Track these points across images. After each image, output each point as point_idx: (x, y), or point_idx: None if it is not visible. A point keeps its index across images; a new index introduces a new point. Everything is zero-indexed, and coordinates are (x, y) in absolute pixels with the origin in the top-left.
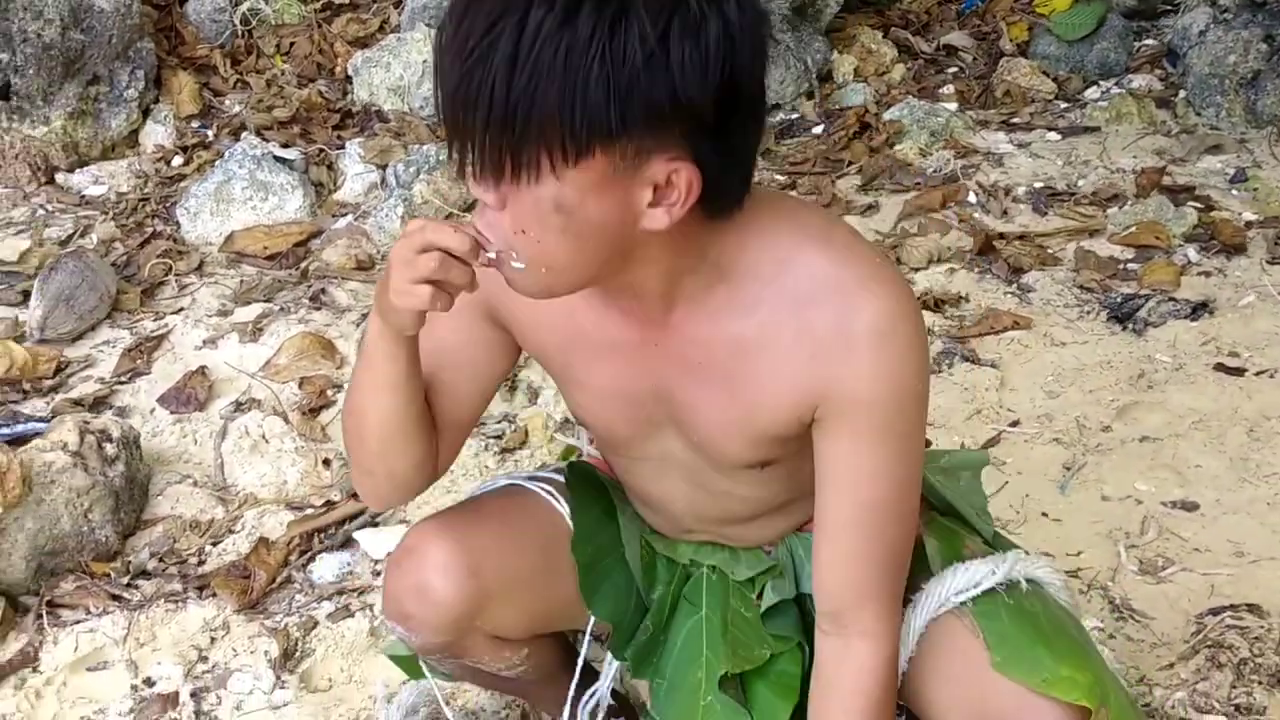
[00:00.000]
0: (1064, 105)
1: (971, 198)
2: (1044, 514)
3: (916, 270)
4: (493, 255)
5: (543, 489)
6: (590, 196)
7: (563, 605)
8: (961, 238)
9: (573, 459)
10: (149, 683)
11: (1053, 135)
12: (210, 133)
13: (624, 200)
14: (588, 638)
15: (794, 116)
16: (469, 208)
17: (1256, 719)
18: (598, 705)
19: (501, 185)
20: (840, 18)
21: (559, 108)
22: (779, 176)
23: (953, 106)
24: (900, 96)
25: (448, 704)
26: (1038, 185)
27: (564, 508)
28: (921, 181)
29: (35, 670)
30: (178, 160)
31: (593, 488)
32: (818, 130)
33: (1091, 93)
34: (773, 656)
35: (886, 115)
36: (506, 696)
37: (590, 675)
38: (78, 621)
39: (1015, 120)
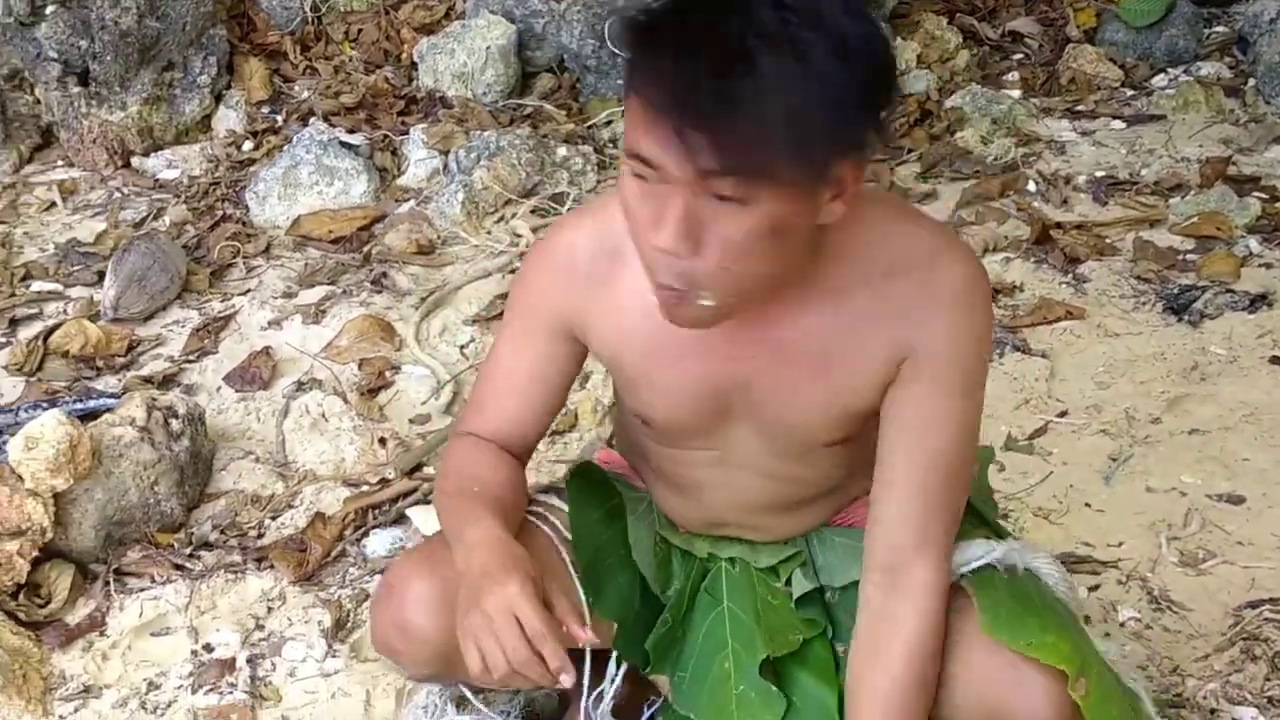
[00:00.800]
0: (1130, 93)
1: (1031, 186)
2: (1087, 504)
3: None
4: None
5: (531, 510)
6: (792, 209)
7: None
8: (1019, 226)
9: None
10: (208, 648)
11: (1117, 123)
12: (279, 118)
13: (815, 205)
14: (588, 656)
15: None
16: (528, 193)
17: None
18: (607, 698)
19: (703, 229)
20: (904, 3)
21: (787, 153)
22: None
23: (1016, 94)
24: (963, 83)
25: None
26: (1099, 174)
27: (550, 527)
28: (981, 169)
29: (102, 634)
30: (248, 145)
31: (597, 491)
32: None
33: (1159, 80)
34: (807, 642)
35: (948, 103)
36: None
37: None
38: (143, 589)
39: (1080, 108)
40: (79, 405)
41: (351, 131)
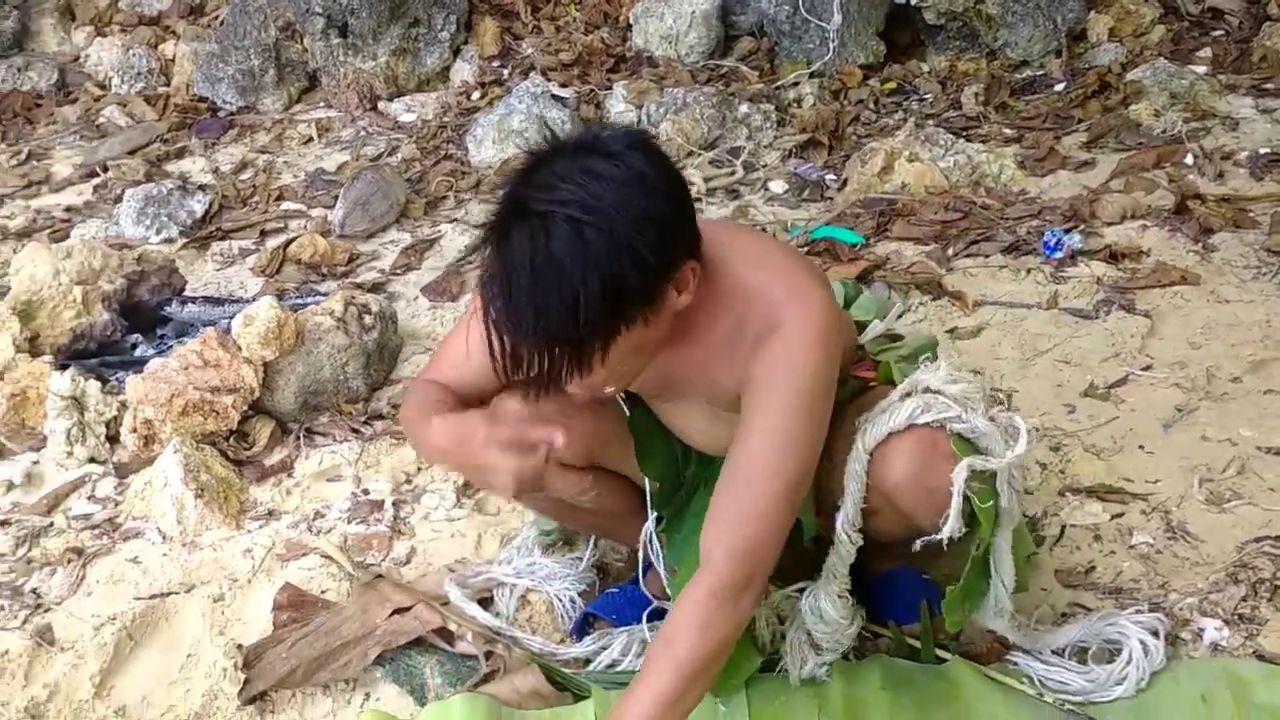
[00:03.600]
0: None
1: (1189, 160)
2: (1140, 446)
3: (1109, 225)
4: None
5: None
6: (648, 328)
7: (611, 448)
8: (1164, 196)
9: None
10: (365, 493)
11: None
12: (505, 71)
13: (667, 308)
14: (649, 489)
15: (1038, 74)
16: (708, 146)
17: (1253, 628)
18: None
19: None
20: None
21: (609, 328)
22: (1006, 130)
23: (1202, 70)
24: (1150, 57)
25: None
26: (1263, 151)
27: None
28: (1145, 142)
29: (289, 475)
30: (475, 94)
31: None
32: (1059, 88)
33: None
34: None
35: (1129, 76)
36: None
37: None
38: (325, 445)
39: (1268, 86)
40: (298, 300)
41: (564, 85)
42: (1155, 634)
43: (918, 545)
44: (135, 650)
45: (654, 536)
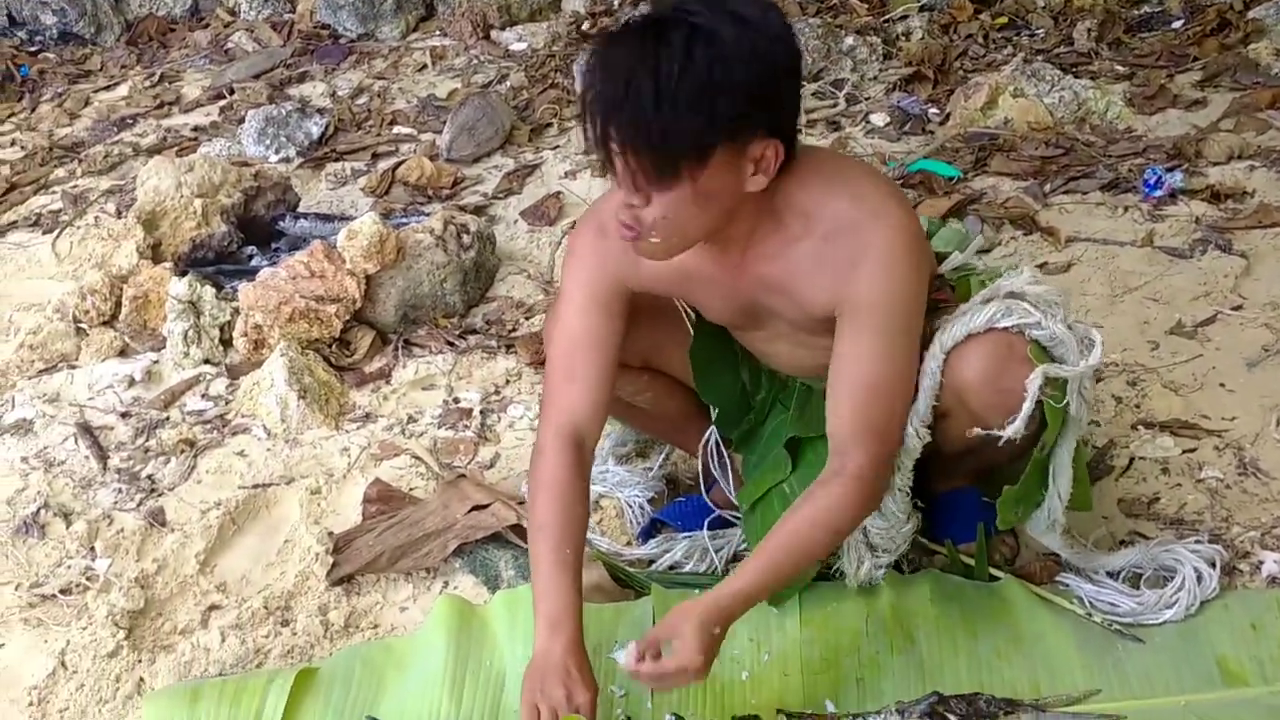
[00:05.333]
0: None
1: None
2: (1221, 384)
3: (1214, 164)
4: None
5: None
6: (715, 182)
7: (671, 357)
8: (1275, 138)
9: None
10: (456, 401)
11: None
12: (615, 1)
13: (737, 177)
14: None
15: (1156, 10)
16: (813, 78)
17: None
18: (714, 443)
19: (650, 191)
20: None
21: (689, 135)
22: (1118, 67)
23: None
24: None
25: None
26: None
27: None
28: (1262, 81)
29: (387, 382)
30: (586, 25)
31: (715, 332)
32: (1176, 25)
33: None
34: (811, 445)
35: (1250, 14)
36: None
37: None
38: (421, 355)
39: None
40: (402, 220)
41: None
42: (1212, 564)
43: (974, 432)
44: (237, 534)
45: (718, 445)
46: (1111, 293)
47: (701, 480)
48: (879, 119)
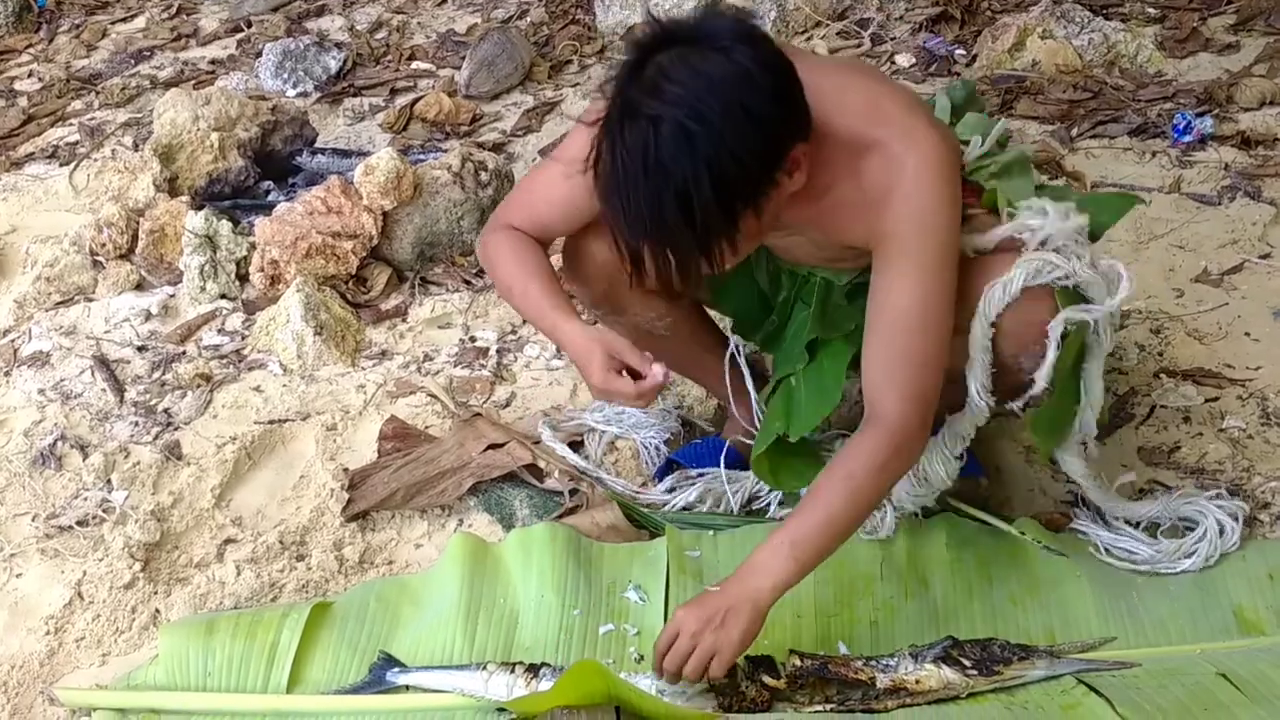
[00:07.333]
0: None
1: None
2: (1246, 333)
3: (1245, 110)
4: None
5: None
6: (769, 213)
7: None
8: None
9: None
10: (473, 339)
11: None
12: None
13: (782, 191)
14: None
15: None
16: (838, 17)
17: None
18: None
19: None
20: None
21: (722, 224)
22: (1149, 9)
23: None
24: None
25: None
26: None
27: None
28: None
29: (404, 320)
30: None
31: None
32: None
33: None
34: (827, 343)
35: None
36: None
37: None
38: (438, 293)
39: None
40: (420, 155)
41: None
42: (1235, 518)
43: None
44: (253, 469)
45: (740, 355)
46: (1137, 239)
47: (731, 399)
48: (904, 60)
